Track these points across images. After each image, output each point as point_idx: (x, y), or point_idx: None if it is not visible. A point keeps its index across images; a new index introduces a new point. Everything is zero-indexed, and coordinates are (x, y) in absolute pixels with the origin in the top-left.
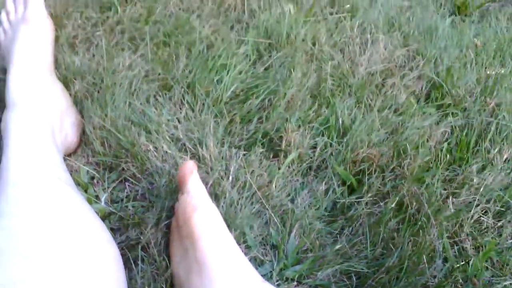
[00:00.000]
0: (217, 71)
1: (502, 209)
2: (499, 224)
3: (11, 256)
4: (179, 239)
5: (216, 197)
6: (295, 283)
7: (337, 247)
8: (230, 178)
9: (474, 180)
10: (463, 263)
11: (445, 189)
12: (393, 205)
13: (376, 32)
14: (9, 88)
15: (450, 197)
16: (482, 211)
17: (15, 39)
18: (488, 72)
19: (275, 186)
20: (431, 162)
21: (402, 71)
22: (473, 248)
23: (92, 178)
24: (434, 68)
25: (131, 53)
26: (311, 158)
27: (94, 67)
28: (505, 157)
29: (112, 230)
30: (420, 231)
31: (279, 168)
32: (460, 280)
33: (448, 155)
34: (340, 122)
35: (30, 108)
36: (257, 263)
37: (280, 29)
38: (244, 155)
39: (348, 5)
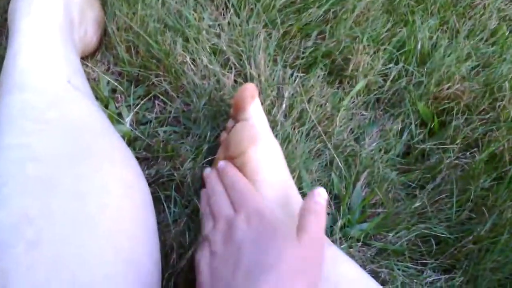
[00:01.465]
0: None
1: None
2: None
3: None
4: None
5: None
6: (359, 244)
7: (416, 204)
8: (284, 105)
9: None
10: None
11: None
12: (483, 156)
13: None
14: None
15: None
16: None
17: None
18: None
19: (339, 121)
20: None
21: None
22: None
23: (114, 91)
24: None
25: None
26: (380, 88)
27: None
28: None
29: (137, 159)
30: None
31: (341, 99)
32: None
33: None
34: (419, 46)
35: None
36: None
37: None
38: (300, 78)
39: None
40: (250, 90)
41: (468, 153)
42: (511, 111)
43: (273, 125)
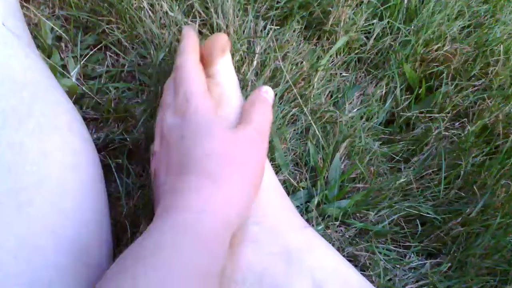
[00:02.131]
0: None
1: None
2: None
3: None
4: None
5: None
6: (337, 223)
7: (401, 180)
8: (255, 62)
9: None
10: None
11: None
12: (474, 128)
13: None
14: None
15: None
16: None
17: None
18: None
19: (317, 82)
20: None
21: None
22: None
23: (59, 39)
24: None
25: None
26: (362, 46)
27: None
28: None
29: (85, 120)
30: None
31: (319, 58)
32: None
33: None
34: (406, 0)
35: None
36: (288, 190)
37: None
38: (274, 31)
39: None
40: (220, 41)
41: (457, 123)
42: (504, 77)
43: (243, 84)
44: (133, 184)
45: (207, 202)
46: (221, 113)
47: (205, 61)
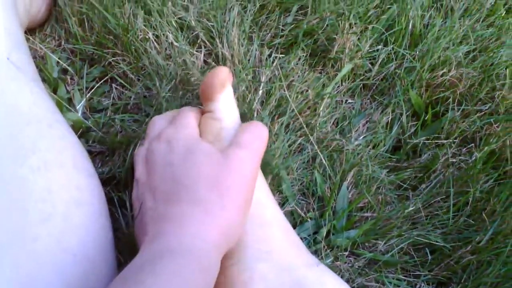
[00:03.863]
0: None
1: None
2: None
3: None
4: None
5: (240, 117)
6: (346, 253)
7: (409, 209)
8: (260, 91)
9: None
10: None
11: None
12: (482, 154)
13: None
14: None
15: None
16: None
17: None
18: None
19: (323, 110)
20: None
21: None
22: None
23: (65, 71)
24: None
25: None
26: (367, 72)
27: None
28: None
29: (90, 154)
30: None
31: (324, 85)
32: None
33: None
34: (411, 25)
35: None
36: (295, 220)
37: None
38: (279, 59)
39: None
40: (220, 76)
41: (464, 149)
42: (511, 101)
43: (249, 114)
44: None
45: (199, 229)
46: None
47: (205, 96)
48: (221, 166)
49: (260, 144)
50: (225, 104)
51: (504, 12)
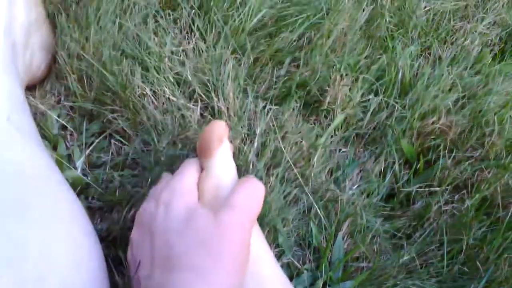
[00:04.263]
0: None
1: None
2: None
3: None
4: None
5: (236, 170)
6: None
7: (404, 258)
8: (256, 143)
9: None
10: None
11: None
12: (473, 201)
13: None
14: None
15: None
16: None
17: None
18: None
19: (317, 161)
20: None
21: (476, 13)
22: None
23: (64, 127)
24: None
25: None
26: (359, 121)
27: None
28: None
29: (90, 210)
30: None
31: (318, 136)
32: None
33: None
34: (400, 75)
35: None
36: (292, 273)
37: None
38: (273, 111)
39: None
40: (217, 130)
41: (457, 195)
42: (500, 148)
43: (245, 166)
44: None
45: None
46: (212, 204)
47: (203, 152)
48: (214, 231)
49: (253, 204)
50: (222, 160)
51: (491, 59)
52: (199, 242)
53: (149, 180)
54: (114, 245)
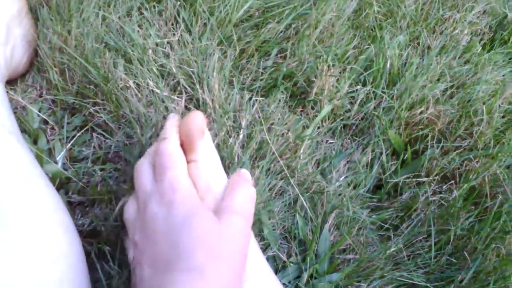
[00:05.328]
0: None
1: None
2: None
3: None
4: None
5: (221, 162)
6: None
7: (391, 250)
8: (241, 135)
9: None
10: None
11: None
12: (461, 192)
13: None
14: None
15: None
16: None
17: None
18: None
19: (303, 152)
20: (507, 132)
21: (466, 2)
22: None
23: (45, 122)
24: (504, 2)
25: None
26: (347, 112)
27: None
28: None
29: (70, 205)
30: (506, 234)
31: (304, 127)
32: None
33: None
34: (388, 65)
35: None
36: (277, 265)
37: None
38: (260, 102)
39: None
40: (197, 123)
41: (445, 185)
42: (488, 137)
43: (230, 158)
44: (117, 271)
45: None
46: (206, 199)
47: (187, 146)
48: (217, 232)
49: (252, 207)
50: (206, 152)
51: (480, 48)
52: (202, 243)
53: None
54: (98, 240)
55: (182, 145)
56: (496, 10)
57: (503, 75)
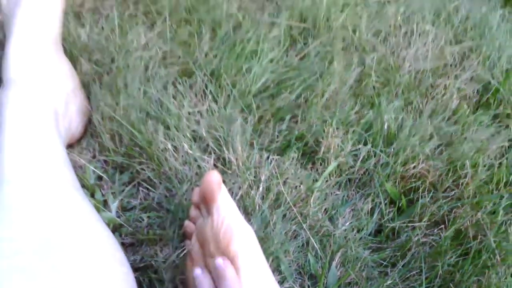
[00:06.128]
0: (246, 57)
1: None
2: None
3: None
4: (205, 265)
5: (245, 210)
6: None
7: (388, 282)
8: (261, 188)
9: None
10: None
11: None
12: (448, 233)
13: (422, 22)
14: (8, 61)
15: None
16: None
17: (19, 3)
18: None
19: (313, 202)
20: (490, 183)
21: (455, 71)
22: None
23: (99, 178)
24: (489, 70)
25: (146, 29)
26: (351, 168)
27: (103, 44)
28: None
29: (123, 245)
30: (487, 269)
31: (314, 181)
32: None
33: (506, 175)
34: (386, 127)
35: (32, 86)
36: None
37: (316, 11)
38: (276, 160)
39: None
40: (215, 180)
41: (435, 229)
42: (473, 188)
43: (252, 208)
44: None
45: None
46: (232, 247)
47: (208, 199)
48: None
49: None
50: (225, 201)
51: (468, 110)
52: None
53: (171, 221)
54: (147, 273)
55: (203, 199)
56: (482, 76)
57: (490, 135)
